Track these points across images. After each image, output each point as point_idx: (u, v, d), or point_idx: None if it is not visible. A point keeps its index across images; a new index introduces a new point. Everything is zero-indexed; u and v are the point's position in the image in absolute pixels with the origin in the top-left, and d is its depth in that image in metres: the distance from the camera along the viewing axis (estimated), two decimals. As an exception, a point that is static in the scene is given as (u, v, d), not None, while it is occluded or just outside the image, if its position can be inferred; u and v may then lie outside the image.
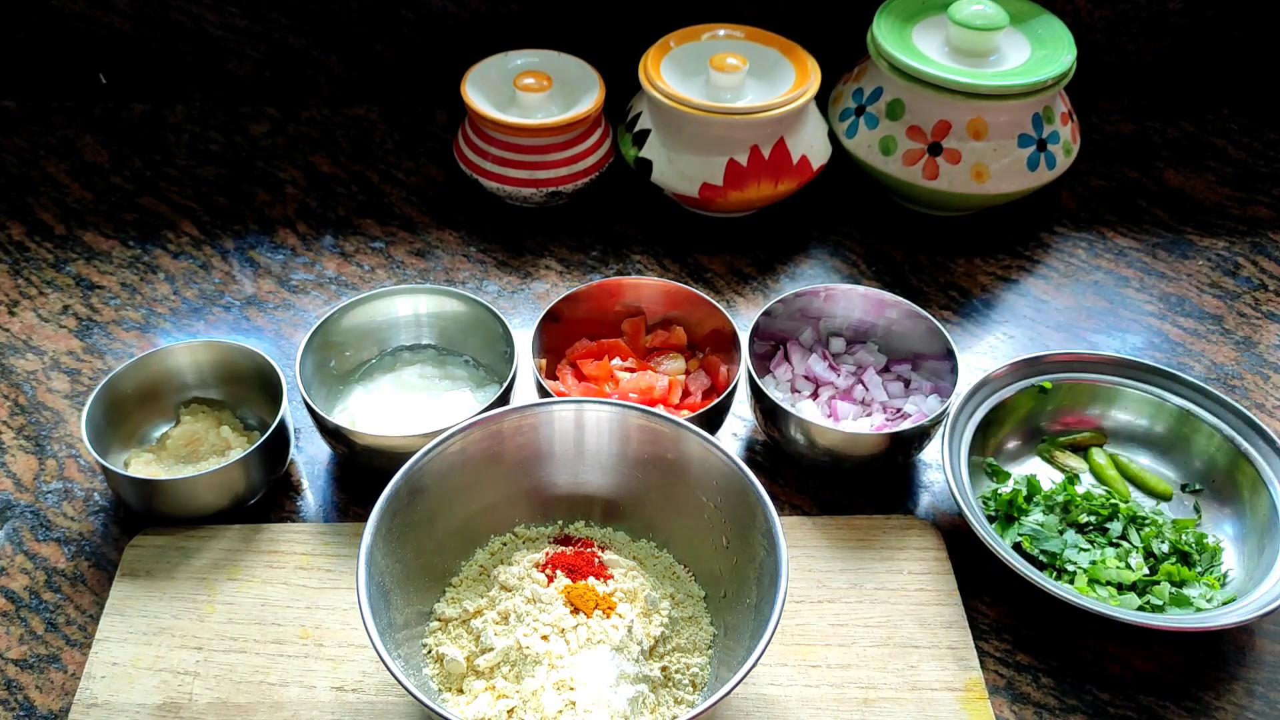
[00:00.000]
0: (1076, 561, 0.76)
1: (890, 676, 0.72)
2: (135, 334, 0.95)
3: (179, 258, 1.01)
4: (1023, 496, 0.80)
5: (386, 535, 0.67)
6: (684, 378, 0.86)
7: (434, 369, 0.88)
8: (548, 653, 0.67)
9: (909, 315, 0.87)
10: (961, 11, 0.98)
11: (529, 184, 1.01)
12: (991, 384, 0.84)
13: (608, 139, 1.05)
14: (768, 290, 1.00)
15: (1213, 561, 0.78)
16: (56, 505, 0.82)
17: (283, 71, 1.15)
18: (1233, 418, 0.82)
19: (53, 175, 1.09)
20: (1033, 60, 0.98)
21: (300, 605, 0.75)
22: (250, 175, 1.10)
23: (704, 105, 0.97)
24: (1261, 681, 0.74)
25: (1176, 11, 1.13)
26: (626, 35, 1.08)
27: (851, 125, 1.03)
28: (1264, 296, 1.01)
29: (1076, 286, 1.02)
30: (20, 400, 0.89)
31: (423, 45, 1.14)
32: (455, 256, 1.02)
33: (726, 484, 0.70)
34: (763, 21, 1.08)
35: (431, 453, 0.70)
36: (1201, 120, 1.19)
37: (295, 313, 0.97)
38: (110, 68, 1.15)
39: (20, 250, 1.01)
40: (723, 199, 1.00)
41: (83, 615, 0.75)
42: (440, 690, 0.68)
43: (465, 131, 1.04)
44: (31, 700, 0.71)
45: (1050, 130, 1.00)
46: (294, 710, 0.69)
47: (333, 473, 0.85)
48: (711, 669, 0.70)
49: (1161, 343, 0.97)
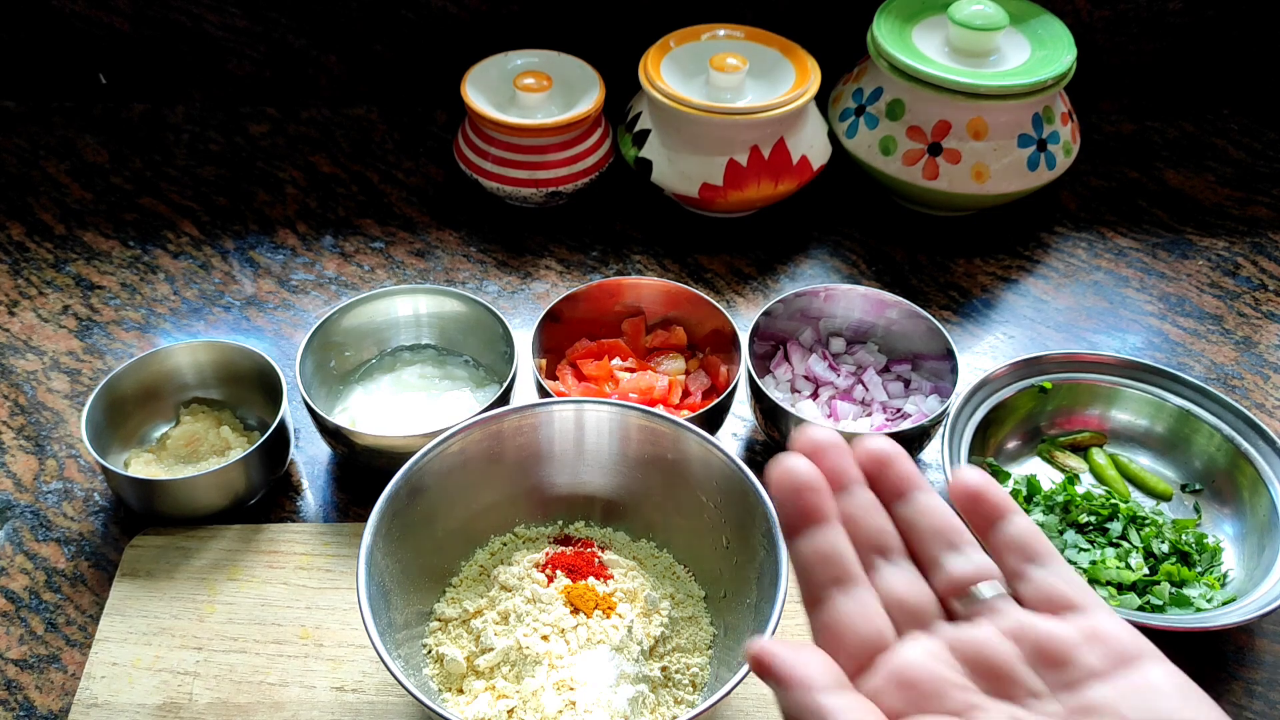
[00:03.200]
0: (1076, 561, 0.76)
1: (890, 676, 0.72)
2: (135, 334, 0.95)
3: (179, 258, 1.01)
4: (1023, 497, 0.80)
5: (386, 535, 0.67)
6: (684, 378, 0.86)
7: (434, 369, 0.88)
8: (548, 653, 0.67)
9: (909, 315, 0.87)
10: (961, 11, 0.98)
11: (529, 184, 1.01)
12: (991, 384, 0.84)
13: (608, 139, 1.05)
14: (768, 290, 1.00)
15: (1213, 561, 0.78)
16: (56, 505, 0.82)
17: (283, 71, 1.15)
18: (1233, 418, 0.82)
19: (53, 175, 1.09)
20: (1033, 60, 0.99)
21: (300, 605, 0.75)
22: (250, 175, 1.10)
23: (704, 105, 0.97)
24: (1261, 681, 0.74)
25: (1176, 11, 1.13)
26: (626, 35, 1.08)
27: (851, 125, 1.03)
28: (1264, 296, 1.01)
29: (1076, 286, 1.02)
30: (20, 400, 0.89)
31: (423, 45, 1.14)
32: (455, 256, 1.02)
33: (726, 484, 0.70)
34: (763, 21, 1.08)
35: (431, 453, 0.70)
36: (1201, 120, 1.19)
37: (295, 313, 0.97)
38: (110, 68, 1.15)
39: (20, 250, 1.01)
40: (723, 199, 1.00)
41: (83, 615, 0.75)
42: (440, 690, 0.68)
43: (465, 131, 1.04)
44: (31, 700, 0.71)
45: (1050, 130, 1.00)
46: (294, 710, 0.69)
47: (333, 473, 0.85)
48: (711, 669, 0.70)
49: (1161, 343, 0.97)
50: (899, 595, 0.40)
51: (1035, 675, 0.38)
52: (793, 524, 0.41)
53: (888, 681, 0.38)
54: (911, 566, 0.41)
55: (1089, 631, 0.39)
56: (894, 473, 0.42)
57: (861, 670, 0.39)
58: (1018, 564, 0.41)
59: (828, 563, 0.40)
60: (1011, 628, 0.39)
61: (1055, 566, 0.40)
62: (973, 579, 0.40)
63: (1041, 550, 0.41)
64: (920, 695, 0.38)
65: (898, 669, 0.38)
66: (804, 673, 0.37)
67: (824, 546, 0.40)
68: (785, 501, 0.41)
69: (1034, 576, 0.40)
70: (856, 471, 0.42)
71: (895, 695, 0.38)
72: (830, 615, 0.40)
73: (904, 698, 0.38)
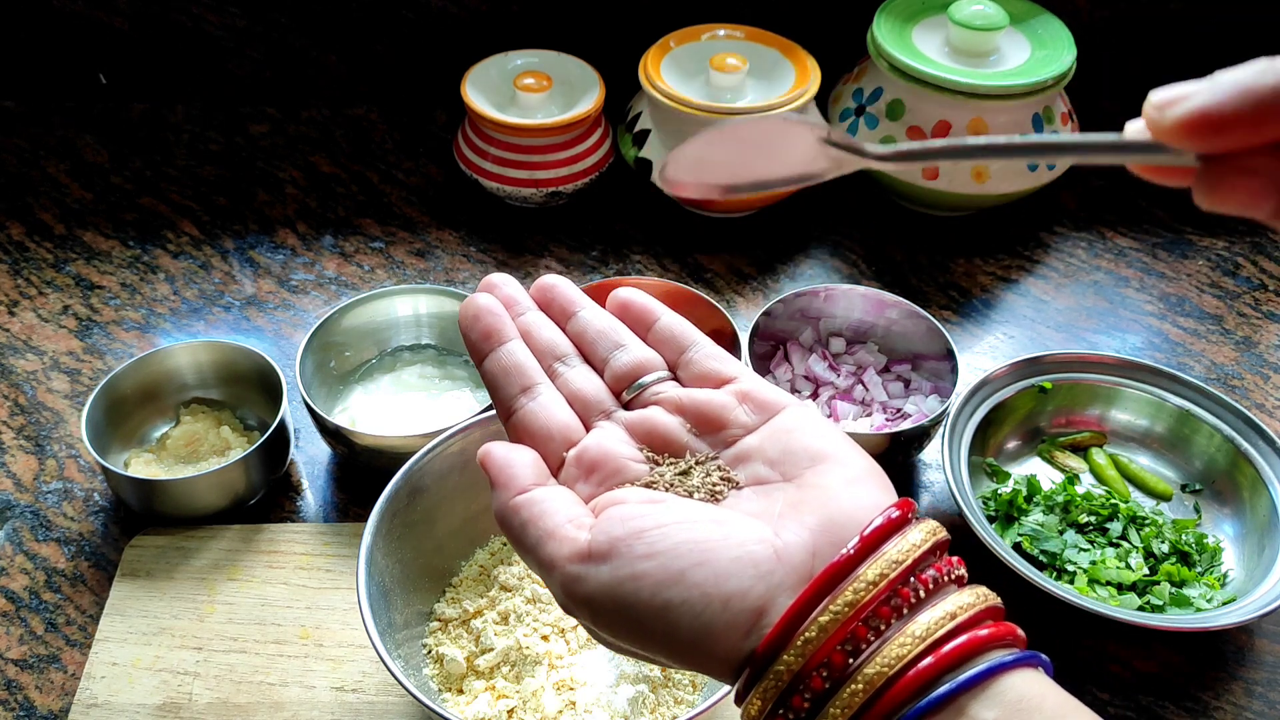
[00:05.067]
0: (1076, 561, 0.76)
1: (890, 676, 0.72)
2: (135, 334, 0.95)
3: (179, 258, 1.01)
4: (1023, 497, 0.80)
5: (386, 535, 0.67)
6: (684, 378, 0.86)
7: (434, 369, 0.88)
8: (548, 653, 0.67)
9: (909, 315, 0.87)
10: (961, 11, 0.98)
11: (529, 184, 1.01)
12: (991, 384, 0.84)
13: (608, 139, 1.05)
14: (768, 290, 1.00)
15: (1213, 561, 0.78)
16: (56, 505, 0.82)
17: (283, 71, 1.15)
18: (1233, 418, 0.82)
19: (53, 175, 1.09)
20: (1033, 60, 0.99)
21: (300, 605, 0.75)
22: (250, 175, 1.10)
23: (704, 105, 0.97)
24: (1261, 681, 0.74)
25: (1176, 12, 1.13)
26: (626, 35, 1.08)
27: (851, 125, 1.03)
28: (1264, 296, 1.01)
29: (1076, 286, 1.02)
30: (20, 400, 0.89)
31: (423, 45, 1.14)
32: (455, 256, 1.02)
33: (726, 484, 0.70)
34: (763, 21, 1.08)
35: (431, 453, 0.70)
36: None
37: (295, 313, 0.97)
38: (110, 68, 1.15)
39: (20, 250, 1.01)
40: (723, 199, 1.00)
41: (83, 615, 0.75)
42: (440, 690, 0.68)
43: (465, 131, 1.04)
44: (31, 700, 0.71)
45: (1050, 130, 1.00)
46: (294, 710, 0.69)
47: (333, 473, 0.85)
48: (711, 669, 0.70)
49: (1161, 343, 0.97)
50: (578, 390, 0.47)
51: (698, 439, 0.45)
52: (479, 348, 0.47)
53: (578, 468, 0.44)
54: (587, 368, 0.48)
55: (740, 393, 0.45)
56: (559, 297, 0.49)
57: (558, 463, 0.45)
58: (673, 355, 0.48)
59: (511, 374, 0.47)
60: (674, 402, 0.46)
61: (704, 348, 0.48)
62: (638, 369, 0.47)
63: (691, 338, 0.48)
64: (606, 474, 0.44)
65: (581, 454, 0.45)
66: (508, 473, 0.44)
67: (507, 360, 0.47)
68: (469, 329, 0.47)
69: (689, 360, 0.47)
70: (528, 300, 0.49)
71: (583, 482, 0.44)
72: (521, 420, 0.46)
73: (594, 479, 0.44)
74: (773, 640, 0.38)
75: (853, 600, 0.37)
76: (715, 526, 0.40)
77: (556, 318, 0.49)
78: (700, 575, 0.38)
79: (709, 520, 0.40)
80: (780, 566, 0.39)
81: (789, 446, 0.43)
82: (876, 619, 0.37)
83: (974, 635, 0.37)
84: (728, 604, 0.38)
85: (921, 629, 0.37)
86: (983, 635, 0.37)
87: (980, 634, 0.37)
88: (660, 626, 0.39)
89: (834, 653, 0.37)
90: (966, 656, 0.37)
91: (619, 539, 0.40)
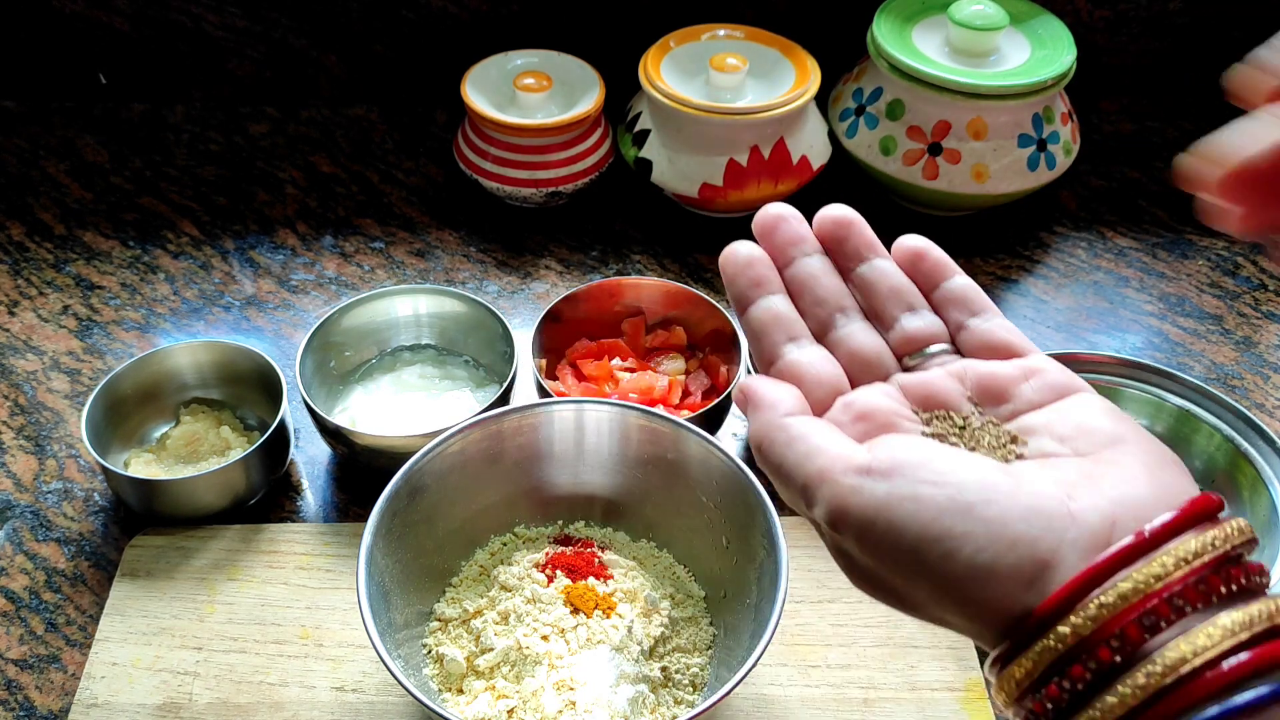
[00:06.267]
0: (1076, 561, 0.76)
1: (890, 676, 0.72)
2: (135, 334, 0.95)
3: (179, 258, 1.01)
4: (1023, 496, 0.80)
5: (386, 535, 0.67)
6: (684, 378, 0.86)
7: (434, 369, 0.88)
8: (548, 653, 0.67)
9: (909, 315, 0.87)
10: (961, 11, 0.98)
11: (529, 184, 1.01)
12: (991, 384, 0.84)
13: (608, 139, 1.05)
14: (768, 290, 0.99)
15: (1213, 561, 0.78)
16: (56, 505, 0.82)
17: (283, 71, 1.15)
18: (1233, 418, 0.82)
19: (53, 175, 1.09)
20: (1033, 60, 0.99)
21: (300, 605, 0.75)
22: (250, 175, 1.10)
23: (704, 105, 0.97)
24: (1261, 681, 0.74)
25: (1176, 11, 1.13)
26: (626, 35, 1.08)
27: (851, 125, 1.03)
28: (1264, 296, 1.01)
29: (1076, 286, 1.02)
30: (20, 400, 0.89)
31: (423, 45, 1.14)
32: (455, 256, 1.02)
33: (726, 484, 0.70)
34: (763, 21, 1.08)
35: (431, 453, 0.70)
36: (1201, 120, 1.19)
37: (295, 313, 0.97)
38: (110, 68, 1.15)
39: (20, 250, 1.01)
40: (723, 199, 1.00)
41: (83, 615, 0.75)
42: (440, 690, 0.68)
43: (465, 131, 1.04)
44: (31, 700, 0.71)
45: (1050, 130, 1.00)
46: (294, 710, 0.69)
47: (333, 473, 0.85)
48: (711, 669, 0.70)
49: (1161, 343, 0.97)
50: (858, 345, 0.44)
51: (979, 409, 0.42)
52: (742, 299, 0.45)
53: (844, 413, 0.42)
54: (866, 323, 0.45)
55: (1027, 369, 0.42)
56: (853, 239, 0.47)
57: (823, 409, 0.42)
58: (961, 317, 0.45)
59: (779, 323, 0.44)
60: (957, 370, 0.43)
61: (994, 318, 0.44)
62: (927, 338, 0.44)
63: (982, 304, 0.45)
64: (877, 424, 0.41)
65: (852, 402, 0.42)
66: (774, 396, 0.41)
67: (773, 310, 0.44)
68: (737, 274, 0.45)
69: (975, 326, 0.44)
70: (813, 240, 0.46)
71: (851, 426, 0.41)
72: (787, 365, 0.44)
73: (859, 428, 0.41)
74: (1061, 599, 0.34)
75: (1160, 574, 0.34)
76: (1004, 476, 0.38)
77: (847, 261, 0.46)
78: (989, 512, 0.36)
79: (996, 469, 0.38)
80: (1074, 525, 0.36)
81: (1084, 425, 0.40)
82: (1183, 600, 0.34)
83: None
84: (1014, 546, 0.35)
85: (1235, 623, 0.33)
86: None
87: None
88: (935, 555, 0.36)
89: (1130, 625, 0.34)
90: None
91: (903, 461, 0.38)
